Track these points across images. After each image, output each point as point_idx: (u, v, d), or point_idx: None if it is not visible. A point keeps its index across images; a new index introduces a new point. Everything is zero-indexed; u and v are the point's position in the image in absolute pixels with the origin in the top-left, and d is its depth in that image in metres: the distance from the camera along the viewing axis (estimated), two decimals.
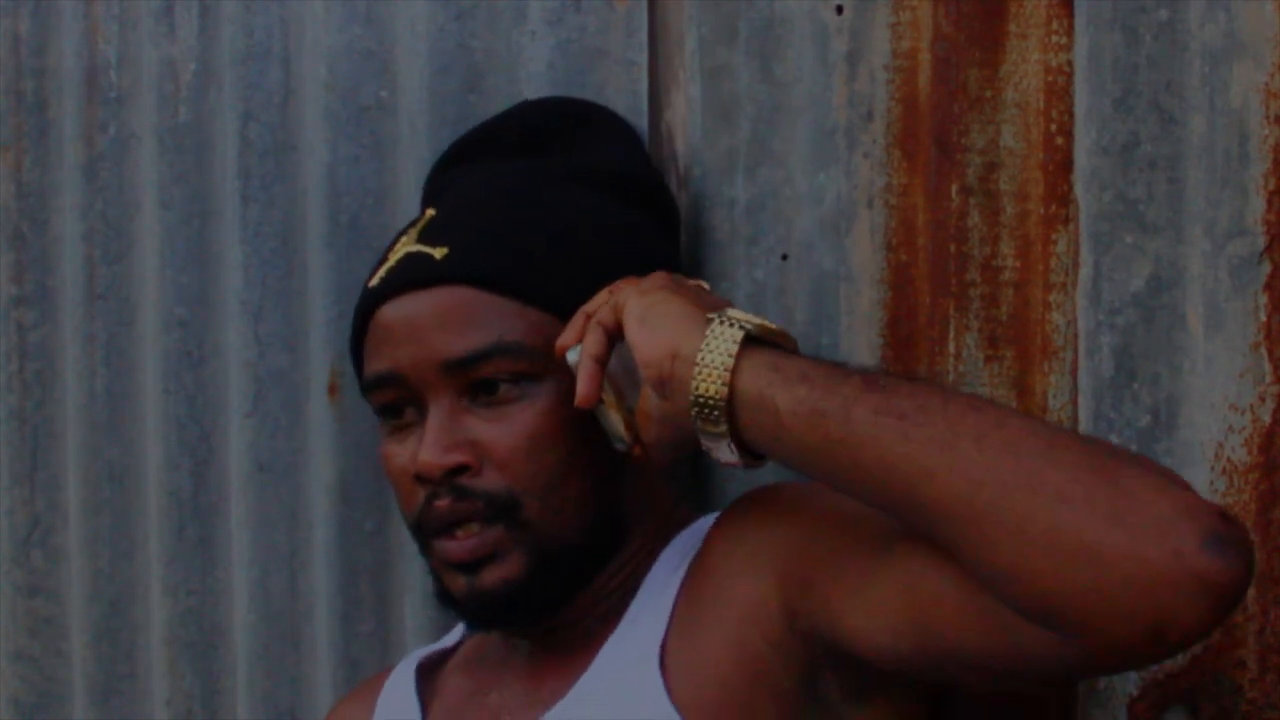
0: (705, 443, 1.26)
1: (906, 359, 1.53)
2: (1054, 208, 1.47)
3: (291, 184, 1.83)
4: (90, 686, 1.96)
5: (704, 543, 1.38)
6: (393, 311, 1.43)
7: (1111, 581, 1.07)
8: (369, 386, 1.44)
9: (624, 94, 1.66)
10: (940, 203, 1.52)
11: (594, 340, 1.34)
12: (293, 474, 1.83)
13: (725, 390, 1.22)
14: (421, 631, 1.74)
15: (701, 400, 1.23)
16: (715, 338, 1.23)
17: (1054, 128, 1.47)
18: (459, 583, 1.41)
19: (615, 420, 1.36)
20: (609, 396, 1.35)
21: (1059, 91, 1.47)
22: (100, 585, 1.96)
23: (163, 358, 1.90)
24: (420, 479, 1.40)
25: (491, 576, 1.39)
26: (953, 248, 1.51)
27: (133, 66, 1.94)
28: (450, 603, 1.44)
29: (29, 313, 2.01)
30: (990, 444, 1.13)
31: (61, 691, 2.01)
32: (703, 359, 1.23)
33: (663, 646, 1.34)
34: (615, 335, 1.34)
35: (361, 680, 1.70)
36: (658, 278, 1.36)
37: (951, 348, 1.52)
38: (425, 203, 1.58)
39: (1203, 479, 1.40)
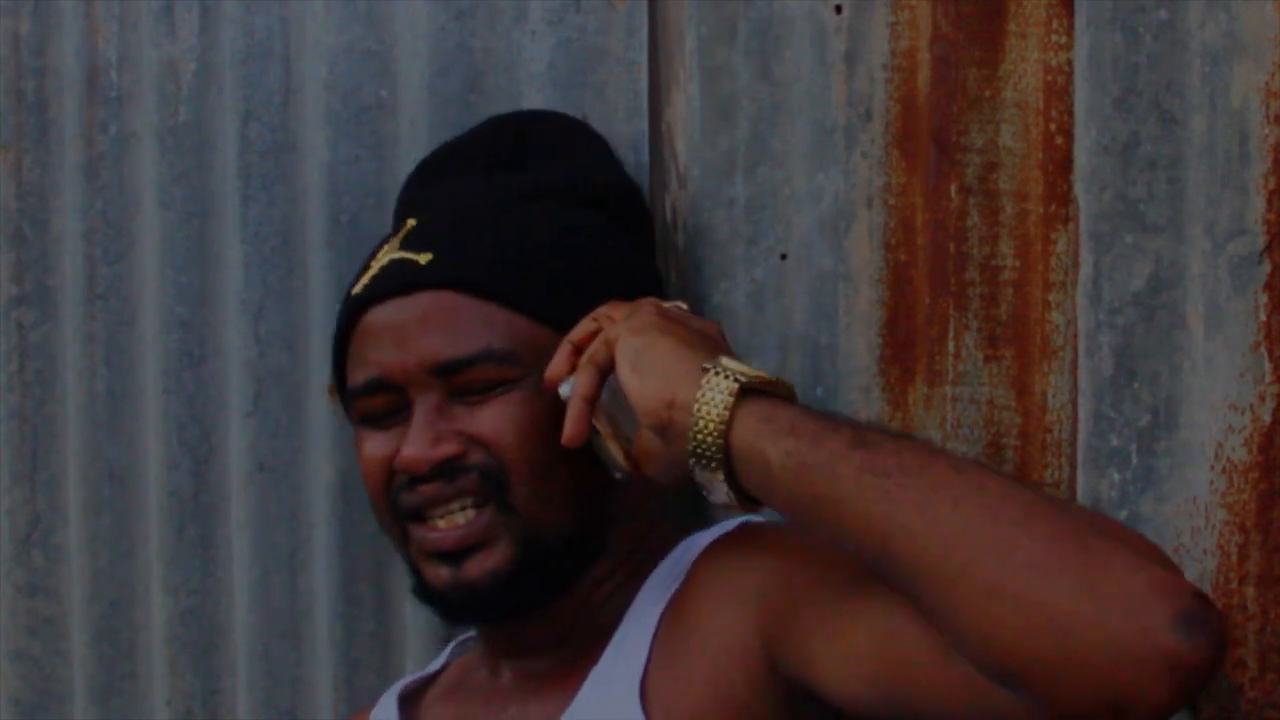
0: (704, 489, 1.28)
1: (906, 359, 1.53)
2: (1054, 207, 1.47)
3: (291, 184, 1.83)
4: (90, 686, 1.96)
5: (688, 575, 1.39)
6: (378, 317, 1.43)
7: (1077, 652, 1.08)
8: (357, 393, 1.44)
9: (624, 94, 1.66)
10: (939, 202, 1.52)
11: (586, 381, 1.35)
12: (293, 474, 1.83)
13: (721, 441, 1.24)
14: (421, 631, 1.74)
15: (699, 451, 1.24)
16: (710, 389, 1.24)
17: (1054, 127, 1.47)
18: (441, 574, 1.41)
19: (613, 450, 1.37)
20: (604, 428, 1.36)
21: (1059, 91, 1.47)
22: (100, 585, 1.96)
23: (163, 358, 1.90)
24: (405, 473, 1.40)
25: (477, 568, 1.39)
26: (952, 247, 1.51)
27: (133, 66, 1.93)
28: (430, 596, 1.44)
29: (29, 312, 2.01)
30: (967, 507, 1.14)
31: (61, 691, 2.00)
32: (698, 410, 1.24)
33: (644, 679, 1.35)
34: (607, 371, 1.34)
35: (356, 710, 1.70)
36: (647, 312, 1.36)
37: (951, 347, 1.52)
38: (401, 216, 1.58)
39: (1203, 479, 1.40)
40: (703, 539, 1.42)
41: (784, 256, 1.58)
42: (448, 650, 1.62)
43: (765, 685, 1.29)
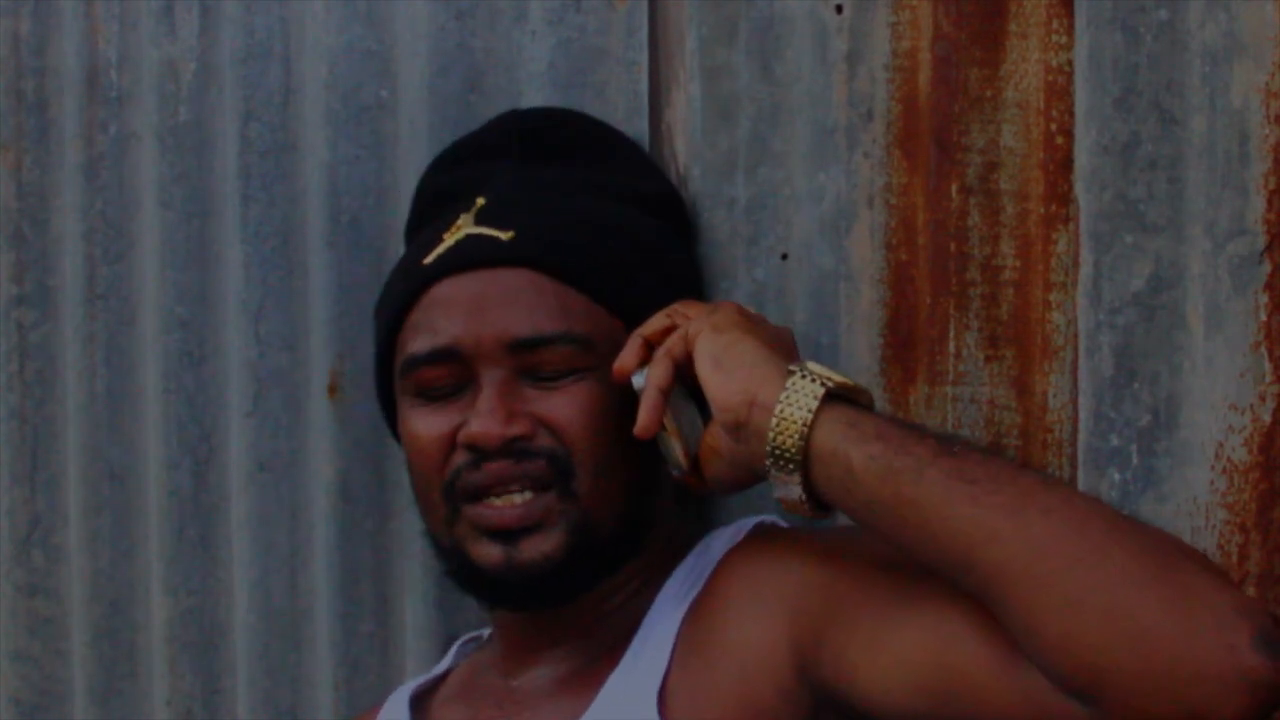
0: (778, 489, 1.28)
1: (906, 359, 1.53)
2: (1054, 207, 1.48)
3: (291, 184, 1.83)
4: (90, 686, 1.96)
5: (712, 577, 1.38)
6: (455, 288, 1.42)
7: (1160, 664, 1.09)
8: (419, 361, 1.42)
9: (624, 94, 1.66)
10: (940, 202, 1.52)
11: (661, 372, 1.35)
12: (293, 474, 1.83)
13: (802, 444, 1.24)
14: (422, 631, 1.74)
15: (778, 451, 1.25)
16: (795, 391, 1.25)
17: (1054, 127, 1.47)
18: (494, 554, 1.40)
19: (675, 446, 1.37)
20: (669, 423, 1.36)
21: (1059, 91, 1.47)
22: (100, 585, 1.95)
23: (163, 358, 1.89)
24: (472, 448, 1.39)
25: (533, 549, 1.39)
26: (953, 247, 1.51)
27: (133, 66, 1.93)
28: (473, 578, 1.42)
29: (29, 313, 2.01)
30: (1058, 516, 1.15)
31: (61, 691, 2.00)
32: (781, 411, 1.25)
33: (663, 685, 1.34)
34: (682, 365, 1.35)
35: (358, 714, 1.70)
36: (730, 311, 1.37)
37: (951, 347, 1.52)
38: (451, 196, 1.55)
39: (1203, 479, 1.40)
40: (720, 541, 1.42)
41: (785, 256, 1.58)
42: (453, 650, 1.62)
43: (795, 695, 1.29)
